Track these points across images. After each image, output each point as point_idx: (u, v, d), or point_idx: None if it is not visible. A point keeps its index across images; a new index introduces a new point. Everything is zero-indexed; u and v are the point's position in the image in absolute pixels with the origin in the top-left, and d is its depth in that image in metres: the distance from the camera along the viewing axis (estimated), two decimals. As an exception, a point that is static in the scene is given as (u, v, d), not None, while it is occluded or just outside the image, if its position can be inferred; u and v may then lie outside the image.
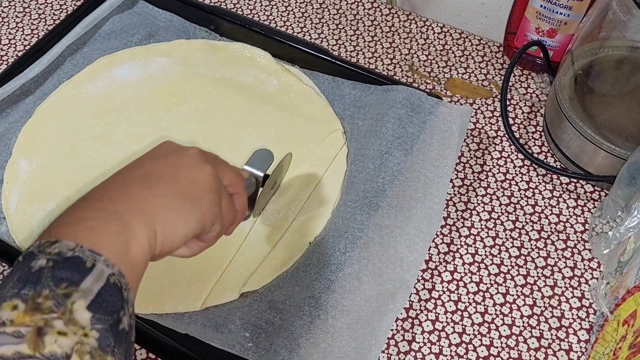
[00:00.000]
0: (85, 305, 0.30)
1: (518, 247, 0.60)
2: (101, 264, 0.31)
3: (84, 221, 0.34)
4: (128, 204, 0.35)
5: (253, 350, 0.51)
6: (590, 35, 0.61)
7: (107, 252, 0.32)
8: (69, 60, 0.72)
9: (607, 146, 0.59)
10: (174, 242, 0.37)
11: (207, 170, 0.40)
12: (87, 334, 0.29)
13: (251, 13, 0.81)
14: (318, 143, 0.65)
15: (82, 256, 0.31)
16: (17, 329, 0.28)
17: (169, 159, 0.40)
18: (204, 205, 0.39)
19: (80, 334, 0.29)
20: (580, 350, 0.55)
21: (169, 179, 0.38)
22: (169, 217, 0.37)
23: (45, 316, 0.29)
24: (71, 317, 0.29)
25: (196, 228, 0.39)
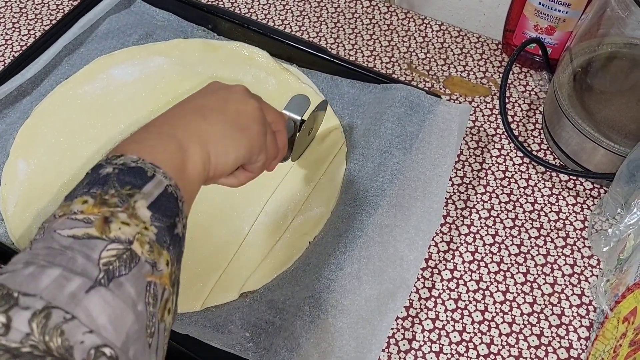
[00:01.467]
0: (146, 205, 0.33)
1: (518, 245, 0.60)
2: (160, 175, 0.35)
3: (145, 141, 0.38)
4: (185, 129, 0.39)
5: (253, 350, 0.51)
6: (588, 32, 0.61)
7: (166, 167, 0.36)
8: (66, 61, 0.72)
9: (606, 143, 0.59)
10: (226, 166, 0.42)
11: (253, 104, 0.44)
12: (147, 228, 0.33)
13: (249, 12, 0.80)
14: (317, 142, 0.64)
15: (144, 167, 0.35)
16: (86, 216, 0.32)
17: (219, 94, 0.44)
18: (251, 134, 0.43)
19: (141, 227, 0.32)
20: (580, 347, 0.55)
21: (220, 110, 0.42)
22: (222, 142, 0.41)
23: (111, 209, 0.32)
24: (133, 212, 0.33)
25: (245, 155, 0.43)
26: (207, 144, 0.40)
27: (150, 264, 0.32)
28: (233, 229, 0.59)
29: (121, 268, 0.30)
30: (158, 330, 0.32)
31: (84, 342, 0.27)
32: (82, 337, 0.27)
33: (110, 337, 0.28)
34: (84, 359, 0.27)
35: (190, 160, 0.38)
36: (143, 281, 0.31)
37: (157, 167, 0.35)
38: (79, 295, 0.28)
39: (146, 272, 0.31)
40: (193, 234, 0.59)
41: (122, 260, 0.31)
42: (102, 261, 0.30)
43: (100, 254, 0.30)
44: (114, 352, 0.28)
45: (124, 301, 0.30)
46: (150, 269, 0.32)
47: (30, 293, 0.28)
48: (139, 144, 0.37)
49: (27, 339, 0.26)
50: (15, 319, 0.26)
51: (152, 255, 0.32)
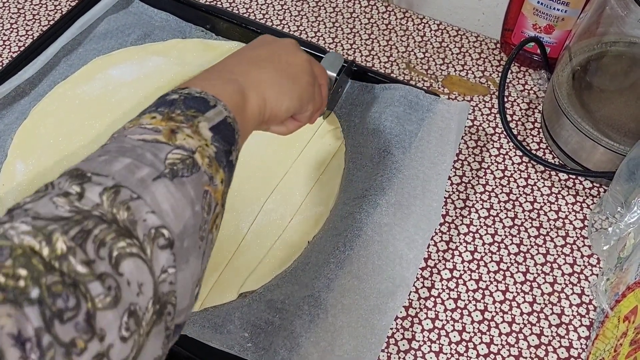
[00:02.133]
0: (208, 127, 0.36)
1: (517, 244, 0.60)
2: (221, 106, 0.37)
3: (209, 80, 0.40)
4: (244, 76, 0.42)
5: (252, 350, 0.51)
6: (587, 31, 0.61)
7: (226, 102, 0.38)
8: (64, 61, 0.72)
9: (605, 142, 0.59)
10: (280, 112, 0.44)
11: (303, 56, 0.48)
12: (208, 145, 0.35)
13: (247, 12, 0.80)
14: (316, 142, 0.64)
15: (206, 97, 0.37)
16: (155, 127, 0.34)
17: (271, 46, 0.47)
18: (302, 84, 0.46)
19: (203, 143, 0.35)
20: (580, 347, 0.54)
21: (273, 60, 0.45)
22: (276, 90, 0.44)
23: (178, 124, 0.35)
24: (197, 130, 0.35)
25: (296, 103, 0.46)
26: (264, 91, 0.43)
27: (209, 175, 0.34)
28: (232, 228, 0.59)
29: (184, 170, 0.33)
30: (207, 238, 0.34)
31: (147, 220, 0.29)
32: (146, 216, 0.30)
33: (170, 223, 0.31)
34: (145, 234, 0.29)
35: (248, 102, 0.41)
36: (201, 188, 0.33)
37: (219, 100, 0.38)
38: (147, 181, 0.31)
39: (204, 182, 0.34)
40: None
41: (185, 164, 0.33)
42: (168, 161, 0.32)
43: (167, 155, 0.33)
44: (172, 236, 0.30)
45: (184, 196, 0.32)
46: (208, 180, 0.34)
47: (102, 174, 0.30)
48: (203, 81, 0.40)
49: (97, 207, 0.28)
50: (88, 190, 0.29)
51: (210, 170, 0.34)
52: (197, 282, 0.33)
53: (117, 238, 0.28)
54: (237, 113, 0.39)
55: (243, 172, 0.62)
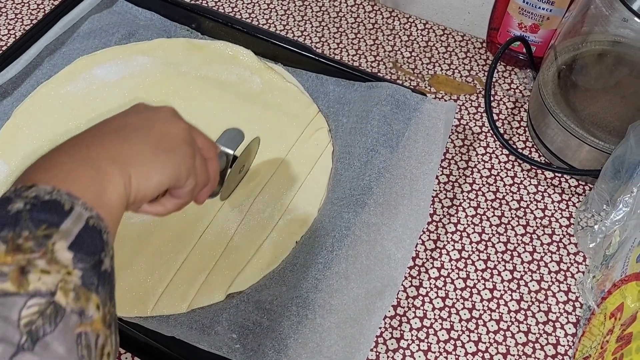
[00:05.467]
0: (67, 246, 0.30)
1: (504, 243, 0.60)
2: (79, 207, 0.31)
3: (58, 166, 0.33)
4: (102, 150, 0.35)
5: (241, 352, 0.51)
6: (572, 30, 0.61)
7: (84, 196, 0.32)
8: (47, 61, 0.71)
9: (591, 140, 0.59)
10: (149, 189, 0.37)
11: (181, 125, 0.41)
12: (70, 272, 0.29)
13: (233, 11, 0.80)
14: (303, 141, 0.64)
15: (59, 199, 0.31)
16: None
17: (144, 114, 0.40)
18: (178, 156, 0.39)
19: (64, 273, 0.29)
20: (567, 344, 0.55)
21: (144, 130, 0.38)
22: (144, 163, 0.37)
23: (27, 256, 0.28)
24: (53, 257, 0.29)
25: (170, 178, 0.38)
26: (128, 166, 0.36)
27: (77, 313, 0.29)
28: (219, 229, 0.59)
29: (45, 326, 0.27)
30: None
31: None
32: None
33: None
34: None
35: (110, 183, 0.34)
36: (72, 335, 0.28)
37: (75, 198, 0.31)
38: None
39: (74, 324, 0.28)
40: (178, 235, 0.58)
41: (46, 317, 0.27)
42: (22, 321, 0.27)
43: (20, 313, 0.27)
44: None
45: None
46: (78, 319, 0.28)
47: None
48: (51, 171, 0.33)
49: None
50: None
51: (78, 303, 0.29)
52: None
53: None
54: (99, 205, 0.32)
55: (230, 172, 0.62)
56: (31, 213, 0.30)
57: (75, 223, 0.31)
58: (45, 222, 0.30)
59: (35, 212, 0.30)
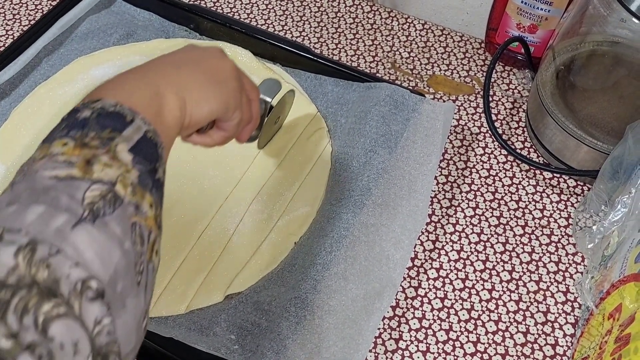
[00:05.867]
0: (127, 148, 0.33)
1: (503, 243, 0.60)
2: (139, 120, 0.35)
3: (122, 86, 0.37)
4: (161, 77, 0.39)
5: (239, 353, 0.51)
6: (571, 30, 0.61)
7: (144, 113, 0.35)
8: (45, 62, 0.71)
9: (589, 141, 0.59)
10: (201, 115, 0.41)
11: (229, 62, 0.45)
12: (129, 170, 0.32)
13: (231, 11, 0.80)
14: (302, 142, 0.64)
15: (122, 112, 0.34)
16: (68, 158, 0.31)
17: (196, 51, 0.44)
18: (228, 88, 0.43)
19: (123, 169, 0.32)
20: (566, 344, 0.55)
21: (196, 63, 0.42)
22: (198, 91, 0.41)
23: (93, 151, 0.32)
24: (115, 155, 0.32)
25: (220, 107, 0.42)
26: (183, 92, 0.40)
27: (134, 205, 0.32)
28: (217, 230, 0.59)
29: (105, 208, 0.30)
30: (147, 269, 0.32)
31: (70, 275, 0.27)
32: (69, 270, 0.27)
33: (97, 271, 0.28)
34: (71, 290, 0.27)
35: (167, 106, 0.38)
36: (128, 222, 0.31)
37: (136, 112, 0.35)
38: (65, 231, 0.28)
39: (130, 214, 0.31)
40: (176, 235, 0.58)
41: (106, 201, 0.30)
42: (86, 201, 0.30)
43: (84, 194, 0.30)
44: (100, 285, 0.28)
45: (110, 238, 0.30)
46: (134, 210, 0.32)
47: (14, 228, 0.28)
48: (116, 90, 0.36)
49: (13, 272, 0.26)
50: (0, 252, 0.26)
51: (135, 197, 0.32)
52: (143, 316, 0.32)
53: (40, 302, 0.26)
54: (156, 122, 0.36)
55: (229, 172, 0.62)
56: (97, 119, 0.33)
57: (135, 132, 0.34)
58: (109, 127, 0.33)
59: (100, 119, 0.33)
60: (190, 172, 0.62)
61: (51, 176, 0.30)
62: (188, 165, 0.63)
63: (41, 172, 0.30)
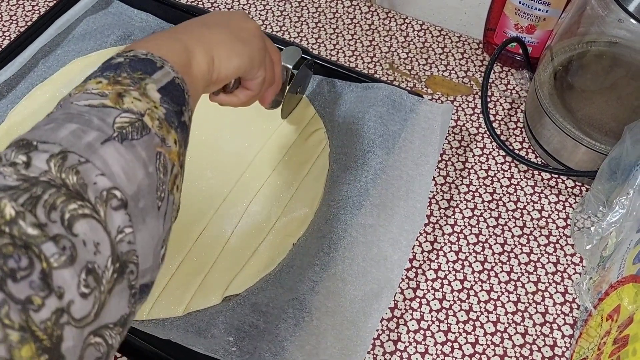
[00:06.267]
0: (156, 88, 0.35)
1: (501, 244, 0.60)
2: (168, 67, 0.37)
3: (153, 41, 0.40)
4: (192, 35, 0.42)
5: (237, 355, 0.51)
6: (569, 31, 0.61)
7: (173, 63, 0.38)
8: (42, 63, 0.71)
9: (587, 141, 0.59)
10: (228, 70, 0.44)
11: (254, 23, 0.48)
12: (157, 107, 0.35)
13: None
14: (300, 143, 0.64)
15: (153, 59, 0.37)
16: (101, 91, 0.33)
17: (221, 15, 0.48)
18: (253, 46, 0.46)
19: (152, 105, 0.34)
20: (564, 345, 0.55)
21: (223, 23, 0.45)
22: (224, 48, 0.43)
23: (124, 87, 0.34)
24: (145, 92, 0.35)
25: (246, 63, 0.45)
26: (211, 49, 0.42)
27: (160, 137, 0.34)
28: (215, 231, 0.58)
29: (134, 133, 0.32)
30: (167, 199, 0.34)
31: (97, 183, 0.29)
32: (96, 179, 0.29)
33: (122, 184, 0.30)
34: (97, 197, 0.29)
35: (195, 60, 0.40)
36: (153, 150, 0.33)
37: (166, 61, 0.37)
38: (95, 145, 0.30)
39: (156, 143, 0.33)
40: (174, 237, 0.58)
41: (135, 127, 0.33)
42: (116, 124, 0.32)
43: (115, 118, 0.32)
44: (124, 197, 0.30)
45: (136, 158, 0.32)
46: (160, 142, 0.34)
47: (49, 141, 0.30)
48: (147, 43, 0.39)
49: (45, 174, 0.28)
50: (34, 158, 0.29)
51: (161, 131, 0.34)
52: (161, 243, 0.33)
53: (67, 201, 0.28)
54: (184, 72, 0.39)
55: (227, 174, 0.62)
56: (130, 63, 0.36)
57: (164, 76, 0.36)
58: (140, 70, 0.36)
59: (133, 62, 0.36)
60: (188, 173, 0.62)
61: (85, 104, 0.33)
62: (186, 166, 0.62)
63: (76, 102, 0.33)
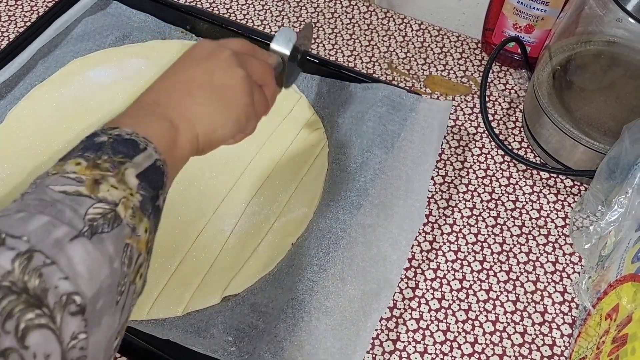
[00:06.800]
0: (135, 174, 0.35)
1: (500, 243, 0.60)
2: (151, 149, 0.37)
3: (140, 117, 0.40)
4: (174, 110, 0.42)
5: (236, 355, 0.51)
6: (567, 30, 0.61)
7: (157, 144, 0.38)
8: (41, 63, 0.71)
9: (586, 141, 0.59)
10: (214, 142, 0.44)
11: (239, 74, 0.45)
12: (133, 195, 0.35)
13: (227, 12, 0.80)
14: (299, 142, 0.64)
15: (137, 140, 0.37)
16: (78, 176, 0.33)
17: (205, 65, 0.45)
18: (238, 109, 0.45)
19: (128, 192, 0.34)
20: (563, 344, 0.55)
21: (206, 86, 0.44)
22: (209, 122, 0.43)
23: (103, 172, 0.34)
24: (123, 178, 0.35)
25: (232, 130, 0.45)
26: (195, 126, 0.42)
27: (131, 227, 0.34)
28: (214, 231, 0.58)
29: (104, 226, 0.32)
30: (128, 290, 0.34)
31: (59, 287, 0.29)
32: (58, 282, 0.29)
33: (84, 287, 0.30)
34: (56, 302, 0.28)
35: (179, 139, 0.41)
36: (122, 242, 0.33)
37: (150, 142, 0.37)
38: (63, 242, 0.30)
39: (126, 234, 0.33)
40: (173, 237, 0.58)
41: (106, 219, 0.32)
42: (88, 217, 0.32)
43: (87, 210, 0.32)
44: (84, 301, 0.30)
45: (102, 255, 0.31)
46: (130, 232, 0.34)
47: (17, 235, 0.29)
48: (134, 119, 0.39)
49: (8, 275, 0.28)
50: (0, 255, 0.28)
51: (133, 220, 0.34)
52: (115, 336, 0.33)
53: (25, 309, 0.27)
54: (168, 154, 0.39)
55: (226, 174, 0.62)
56: (112, 145, 0.36)
57: (146, 159, 0.36)
58: (122, 153, 0.36)
59: (115, 144, 0.36)
60: (187, 174, 0.62)
61: (60, 190, 0.32)
62: (185, 167, 0.62)
63: (51, 186, 0.33)
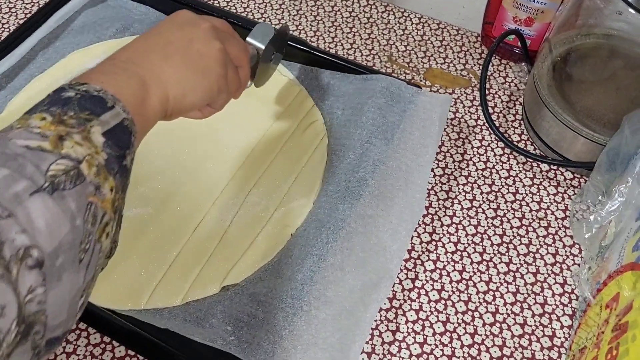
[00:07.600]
0: (101, 132, 0.35)
1: (500, 235, 0.60)
2: (119, 108, 0.36)
3: (110, 74, 0.39)
4: (148, 69, 0.41)
5: (235, 344, 0.50)
6: (567, 23, 0.61)
7: (126, 102, 0.37)
8: (41, 55, 0.71)
9: (585, 132, 0.59)
10: (183, 107, 0.44)
11: (216, 46, 0.45)
12: (98, 153, 0.34)
13: (228, 5, 0.80)
14: (298, 134, 0.64)
15: (105, 97, 0.36)
16: (42, 131, 0.33)
17: (185, 30, 0.45)
18: (211, 77, 0.45)
19: (93, 150, 0.34)
20: (563, 335, 0.55)
21: (183, 50, 0.44)
22: (181, 86, 0.43)
23: (67, 129, 0.33)
24: (88, 136, 0.34)
25: (203, 98, 0.45)
26: (167, 87, 0.42)
27: (95, 185, 0.33)
28: (214, 222, 0.58)
29: (66, 183, 0.32)
30: (93, 249, 0.33)
31: (15, 241, 0.28)
32: (15, 236, 0.28)
33: (42, 241, 0.29)
34: (12, 254, 0.28)
35: (149, 99, 0.40)
36: (85, 200, 0.32)
37: (118, 100, 0.37)
38: (22, 196, 0.30)
39: (89, 193, 0.33)
40: (173, 227, 0.58)
41: (69, 176, 0.32)
42: (49, 173, 0.31)
43: (49, 166, 0.31)
44: (41, 256, 0.29)
45: (63, 211, 0.31)
46: (94, 190, 0.33)
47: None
48: (104, 75, 0.38)
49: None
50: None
51: (97, 179, 0.33)
52: (80, 293, 0.32)
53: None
54: (137, 112, 0.38)
55: (225, 165, 0.62)
56: (80, 101, 0.35)
57: (113, 117, 0.36)
58: (89, 110, 0.35)
59: (82, 100, 0.35)
60: (187, 164, 0.62)
61: (23, 145, 0.32)
62: (184, 157, 0.63)
63: (15, 140, 0.32)
